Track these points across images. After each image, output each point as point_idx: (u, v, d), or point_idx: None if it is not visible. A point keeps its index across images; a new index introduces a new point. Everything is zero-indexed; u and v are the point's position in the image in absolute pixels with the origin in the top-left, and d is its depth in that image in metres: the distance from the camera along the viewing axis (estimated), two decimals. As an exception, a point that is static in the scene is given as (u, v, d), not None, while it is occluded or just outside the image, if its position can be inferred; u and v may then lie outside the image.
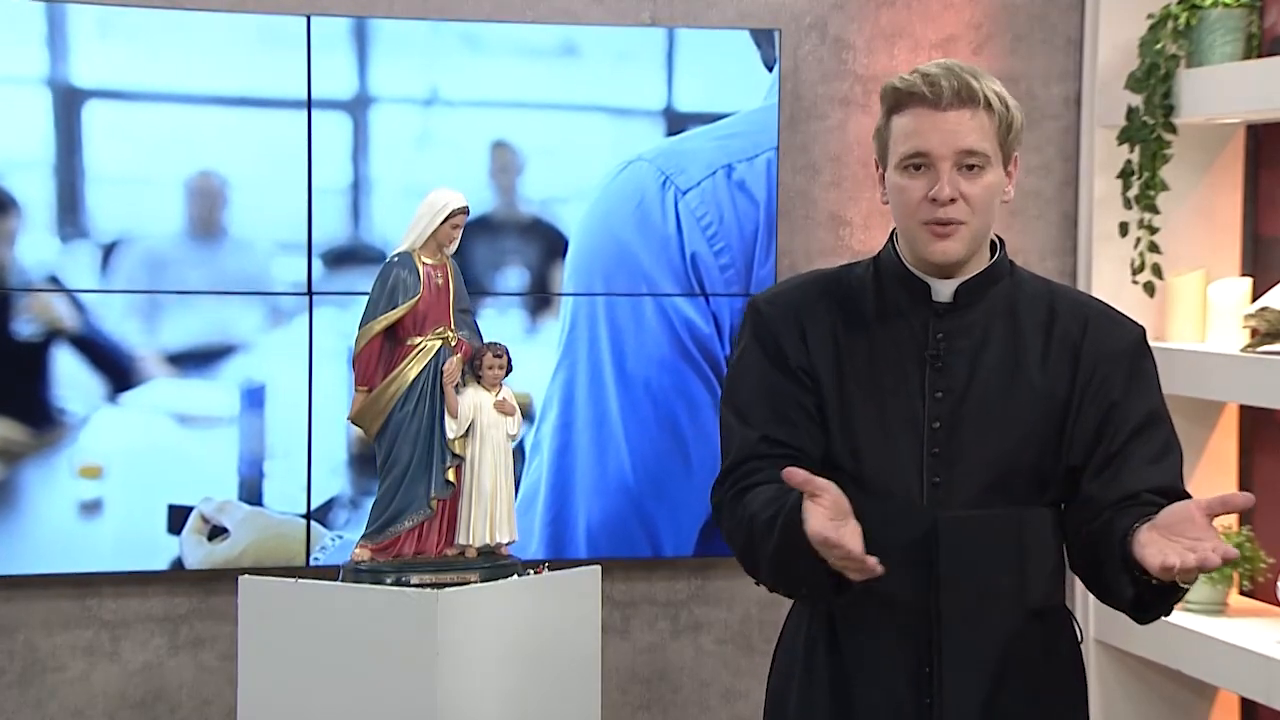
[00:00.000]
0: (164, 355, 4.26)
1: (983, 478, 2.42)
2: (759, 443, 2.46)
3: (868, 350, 2.46)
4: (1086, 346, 2.45)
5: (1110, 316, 2.51)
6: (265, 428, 4.30)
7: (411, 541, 3.44)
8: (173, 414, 4.27)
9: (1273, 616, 4.23)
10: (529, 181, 4.40)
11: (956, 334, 2.45)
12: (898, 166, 2.41)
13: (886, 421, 2.44)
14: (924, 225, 2.40)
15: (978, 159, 2.38)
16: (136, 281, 4.22)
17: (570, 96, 4.42)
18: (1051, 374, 2.44)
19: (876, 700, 2.45)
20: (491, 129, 4.38)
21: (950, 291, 2.46)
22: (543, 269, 4.42)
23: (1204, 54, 4.28)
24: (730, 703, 4.67)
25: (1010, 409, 2.43)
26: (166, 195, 4.24)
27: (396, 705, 3.28)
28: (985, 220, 2.43)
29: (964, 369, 2.44)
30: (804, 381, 2.46)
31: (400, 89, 4.34)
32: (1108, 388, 2.44)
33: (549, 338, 4.40)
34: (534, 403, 4.38)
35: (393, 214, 4.23)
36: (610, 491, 4.44)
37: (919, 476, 2.42)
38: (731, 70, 4.45)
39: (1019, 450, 2.43)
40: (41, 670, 4.33)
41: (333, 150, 4.29)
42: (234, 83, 4.26)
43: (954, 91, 2.36)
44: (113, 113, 4.22)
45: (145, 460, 4.24)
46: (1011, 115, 2.42)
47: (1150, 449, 2.44)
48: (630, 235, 4.40)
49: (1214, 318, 4.34)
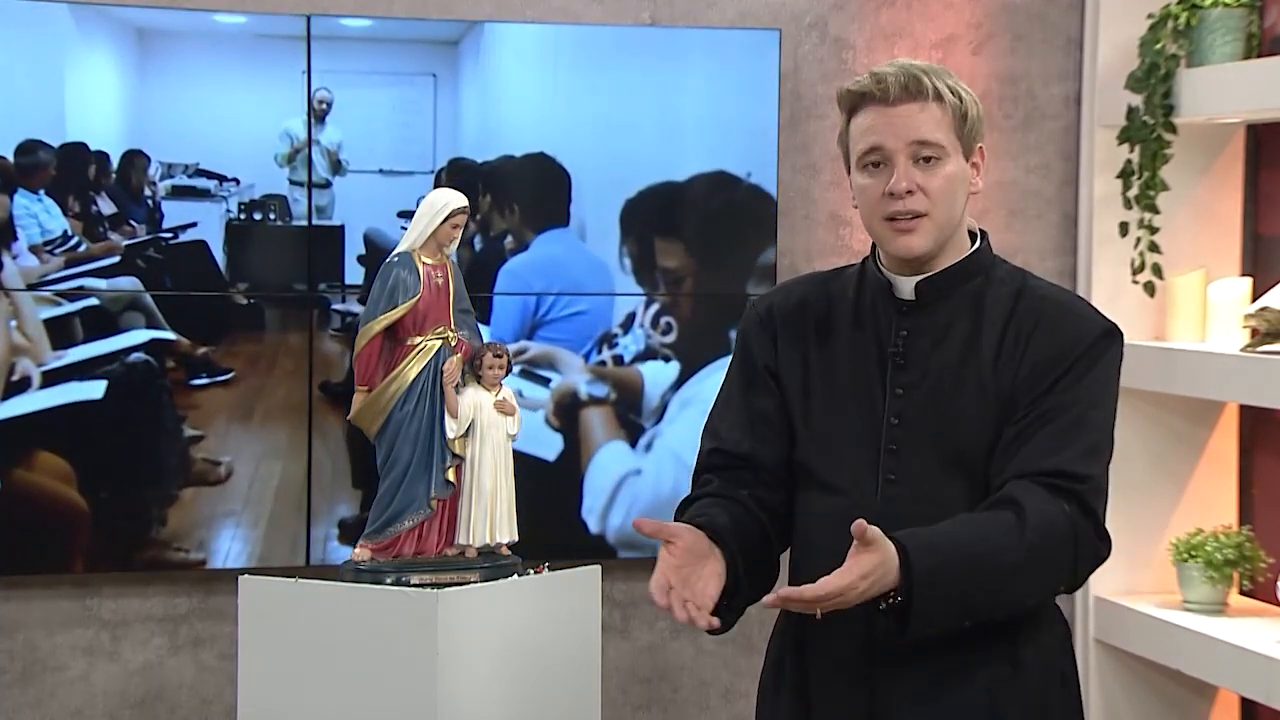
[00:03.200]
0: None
1: (936, 473, 2.42)
2: (710, 455, 2.55)
3: (838, 351, 2.50)
4: (1036, 337, 2.42)
5: (1071, 311, 2.46)
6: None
7: (411, 541, 3.44)
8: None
9: (1273, 616, 4.23)
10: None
11: (919, 331, 2.46)
12: (858, 166, 2.45)
13: (848, 419, 2.46)
14: (885, 221, 2.43)
15: (932, 149, 2.40)
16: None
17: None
18: (1001, 370, 2.42)
19: (829, 698, 2.47)
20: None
21: (912, 289, 2.47)
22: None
23: (1204, 54, 4.28)
24: (730, 703, 4.67)
25: (959, 406, 2.42)
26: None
27: (396, 705, 3.28)
28: (948, 212, 2.43)
29: (921, 366, 2.45)
30: (768, 385, 2.52)
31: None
32: (1043, 370, 2.40)
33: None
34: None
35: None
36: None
37: (875, 473, 2.44)
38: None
39: (970, 446, 2.42)
40: (41, 670, 4.33)
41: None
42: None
43: (901, 86, 2.40)
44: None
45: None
46: (965, 106, 2.43)
47: (1055, 428, 2.37)
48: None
49: (1214, 318, 4.34)
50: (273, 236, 4.30)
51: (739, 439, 2.52)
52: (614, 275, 4.46)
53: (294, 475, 4.31)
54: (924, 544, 2.28)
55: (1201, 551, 4.28)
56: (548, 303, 4.44)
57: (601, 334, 4.47)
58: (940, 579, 2.27)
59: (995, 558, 2.31)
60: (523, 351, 4.39)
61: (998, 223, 4.61)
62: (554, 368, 4.45)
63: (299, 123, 4.27)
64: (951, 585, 2.29)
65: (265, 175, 4.28)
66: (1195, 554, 4.28)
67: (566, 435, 4.47)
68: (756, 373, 2.53)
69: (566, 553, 3.92)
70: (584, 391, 4.47)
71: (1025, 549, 2.31)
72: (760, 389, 2.53)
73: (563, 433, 4.47)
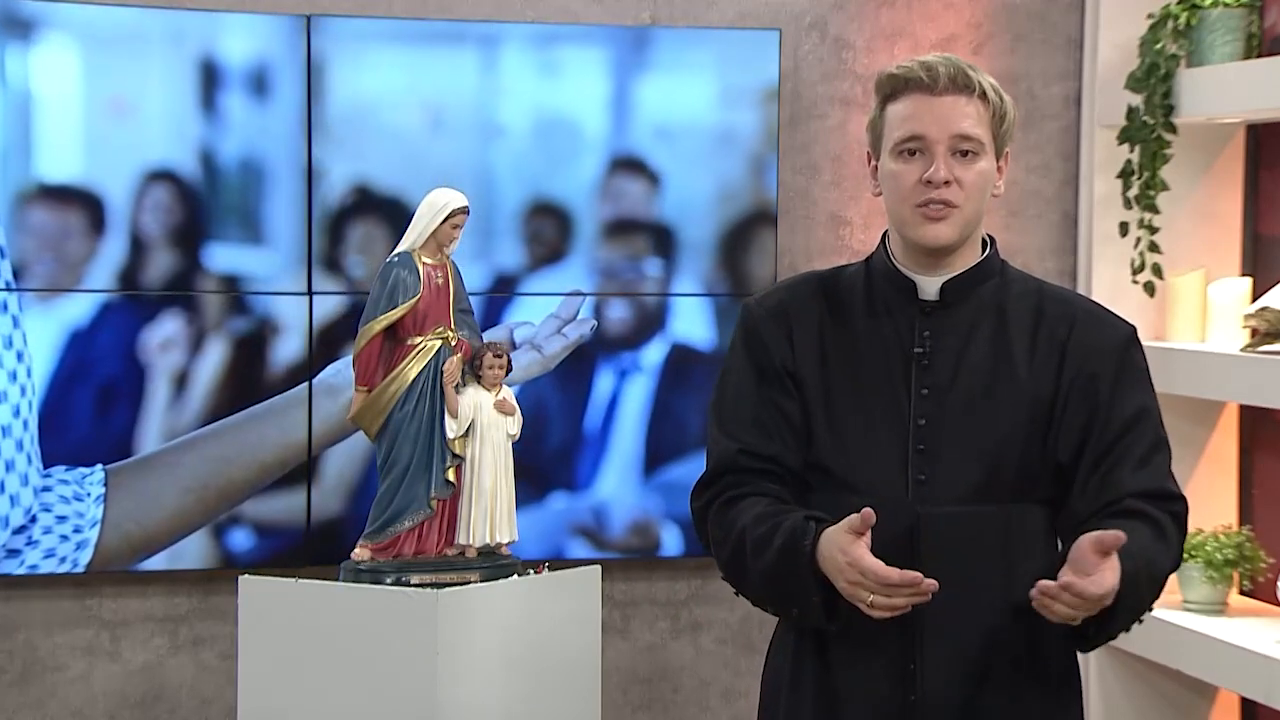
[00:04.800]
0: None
1: (967, 475, 2.42)
2: (738, 455, 2.49)
3: (855, 349, 2.48)
4: (1073, 345, 2.45)
5: (1097, 315, 2.51)
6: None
7: (411, 541, 3.44)
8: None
9: (1273, 616, 4.23)
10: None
11: (943, 332, 2.46)
12: (892, 151, 2.43)
13: (872, 420, 2.45)
14: (917, 208, 2.42)
15: (972, 144, 2.41)
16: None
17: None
18: (1037, 372, 2.44)
19: (860, 697, 2.46)
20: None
21: (936, 289, 2.47)
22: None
23: (1204, 54, 4.28)
24: (730, 703, 4.67)
25: (994, 406, 2.43)
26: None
27: (396, 705, 3.28)
28: (977, 207, 2.44)
29: (949, 366, 2.45)
30: (786, 386, 2.49)
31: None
32: (1095, 385, 2.44)
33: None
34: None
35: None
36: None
37: (904, 473, 2.43)
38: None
39: (1003, 447, 2.43)
40: (41, 670, 4.33)
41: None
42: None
43: (950, 78, 2.40)
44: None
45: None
46: (1005, 107, 2.45)
47: (1138, 450, 2.44)
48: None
49: (1214, 318, 4.34)
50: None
51: (763, 440, 2.48)
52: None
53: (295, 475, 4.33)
54: (1126, 550, 2.32)
55: (1201, 551, 4.28)
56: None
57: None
58: (1133, 584, 2.33)
59: (1158, 564, 2.41)
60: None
61: (998, 223, 4.61)
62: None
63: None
64: (1138, 589, 2.36)
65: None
66: (1195, 554, 4.28)
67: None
68: (773, 371, 2.49)
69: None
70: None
71: (1173, 556, 2.43)
72: (778, 389, 2.49)
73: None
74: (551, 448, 4.46)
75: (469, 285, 3.53)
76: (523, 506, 4.32)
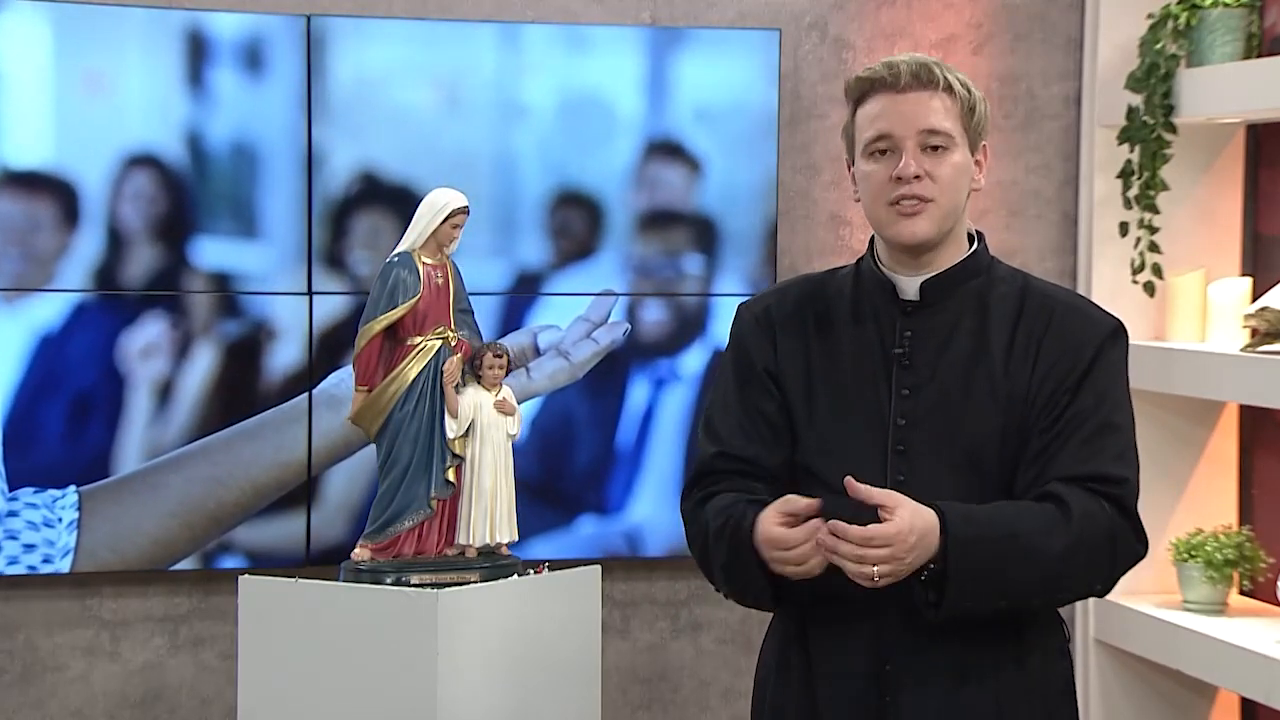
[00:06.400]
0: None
1: (946, 474, 2.43)
2: (715, 458, 2.54)
3: (839, 351, 2.50)
4: (1048, 340, 2.45)
5: (1078, 309, 2.50)
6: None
7: (411, 541, 3.44)
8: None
9: (1273, 616, 4.23)
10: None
11: (924, 332, 2.47)
12: (864, 153, 2.45)
13: (854, 421, 2.47)
14: (890, 206, 2.43)
15: (941, 138, 2.42)
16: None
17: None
18: (1014, 370, 2.44)
19: (839, 698, 2.47)
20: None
21: (916, 288, 2.48)
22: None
23: (1204, 54, 4.28)
24: (730, 703, 4.67)
25: (971, 406, 2.44)
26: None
27: (396, 705, 3.28)
28: (953, 201, 2.44)
29: (929, 366, 2.46)
30: (768, 388, 2.52)
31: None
32: (1061, 378, 2.43)
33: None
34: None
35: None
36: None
37: (884, 474, 2.43)
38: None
39: (981, 447, 2.43)
40: (41, 670, 4.33)
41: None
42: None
43: (913, 74, 2.42)
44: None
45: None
46: (974, 100, 2.46)
47: (1082, 433, 2.41)
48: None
49: (1214, 318, 4.34)
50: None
51: (742, 442, 2.52)
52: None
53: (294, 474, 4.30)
54: (962, 513, 2.33)
55: (1201, 551, 4.28)
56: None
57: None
58: (978, 550, 2.31)
59: (1036, 539, 2.34)
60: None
61: (998, 223, 4.61)
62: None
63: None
64: (990, 559, 2.32)
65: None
66: (1195, 554, 4.28)
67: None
68: (755, 375, 2.53)
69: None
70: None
71: (1068, 537, 2.35)
72: (760, 391, 2.52)
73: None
74: (580, 466, 4.30)
75: (487, 283, 3.48)
76: (549, 530, 4.23)
